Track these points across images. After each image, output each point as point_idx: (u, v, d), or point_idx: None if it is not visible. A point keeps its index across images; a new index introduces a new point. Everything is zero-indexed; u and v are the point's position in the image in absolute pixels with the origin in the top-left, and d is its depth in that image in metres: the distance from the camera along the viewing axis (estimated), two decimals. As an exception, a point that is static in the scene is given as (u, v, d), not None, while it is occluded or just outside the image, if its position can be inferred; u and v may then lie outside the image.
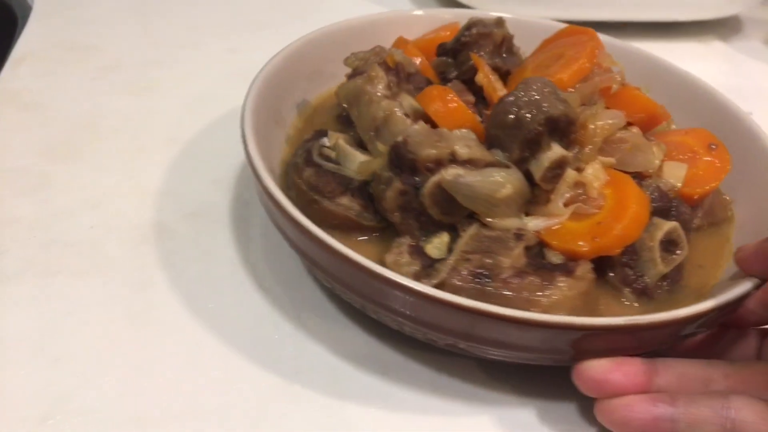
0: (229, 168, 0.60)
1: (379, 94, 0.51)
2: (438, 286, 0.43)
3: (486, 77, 0.54)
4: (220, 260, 0.52)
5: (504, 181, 0.45)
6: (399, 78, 0.54)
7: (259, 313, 0.48)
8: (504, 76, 0.57)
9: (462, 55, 0.57)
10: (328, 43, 0.60)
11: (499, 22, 0.58)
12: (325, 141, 0.51)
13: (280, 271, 0.52)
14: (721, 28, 0.94)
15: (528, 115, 0.44)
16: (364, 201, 0.48)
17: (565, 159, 0.46)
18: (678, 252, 0.47)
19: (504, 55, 0.58)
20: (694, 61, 0.87)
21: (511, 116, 0.45)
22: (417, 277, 0.44)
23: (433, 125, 0.49)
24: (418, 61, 0.59)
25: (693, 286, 0.48)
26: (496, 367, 0.47)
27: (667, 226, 0.46)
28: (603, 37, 0.61)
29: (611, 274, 0.47)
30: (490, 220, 0.46)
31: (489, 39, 0.56)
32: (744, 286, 0.42)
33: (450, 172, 0.45)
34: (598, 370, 0.41)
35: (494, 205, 0.46)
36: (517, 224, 0.46)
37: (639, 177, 0.49)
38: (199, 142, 0.63)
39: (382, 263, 0.46)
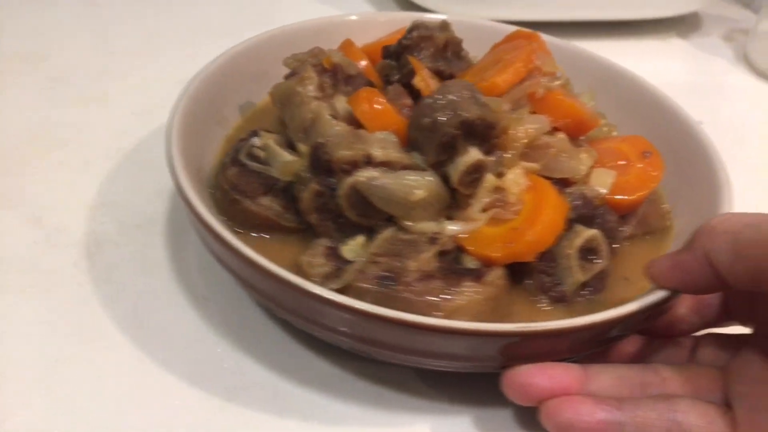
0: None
1: (309, 95, 0.51)
2: (344, 289, 0.43)
3: (423, 80, 0.53)
4: (160, 274, 0.51)
5: (417, 185, 0.45)
6: (336, 80, 0.55)
7: (196, 328, 0.48)
8: (448, 80, 0.57)
9: (403, 58, 0.56)
10: (276, 45, 0.61)
11: (443, 25, 0.58)
12: (256, 141, 0.52)
13: (216, 284, 0.51)
14: (681, 25, 0.95)
15: (443, 118, 0.44)
16: (286, 202, 0.48)
17: (482, 163, 0.45)
18: (597, 261, 0.46)
19: (450, 58, 0.58)
20: (654, 58, 0.88)
21: (428, 119, 0.45)
22: (326, 279, 0.44)
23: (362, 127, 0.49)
24: (363, 63, 0.59)
25: (616, 297, 0.47)
26: (435, 377, 0.46)
27: (587, 233, 0.46)
28: (551, 40, 0.60)
29: (528, 281, 0.46)
30: (407, 223, 0.46)
31: (430, 42, 0.56)
32: (652, 298, 0.41)
33: (364, 174, 0.45)
34: (522, 374, 0.40)
35: (410, 208, 0.45)
36: (433, 228, 0.46)
37: (565, 183, 0.48)
38: (146, 153, 0.62)
39: (297, 265, 0.46)
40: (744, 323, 0.44)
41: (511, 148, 0.47)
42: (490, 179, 0.46)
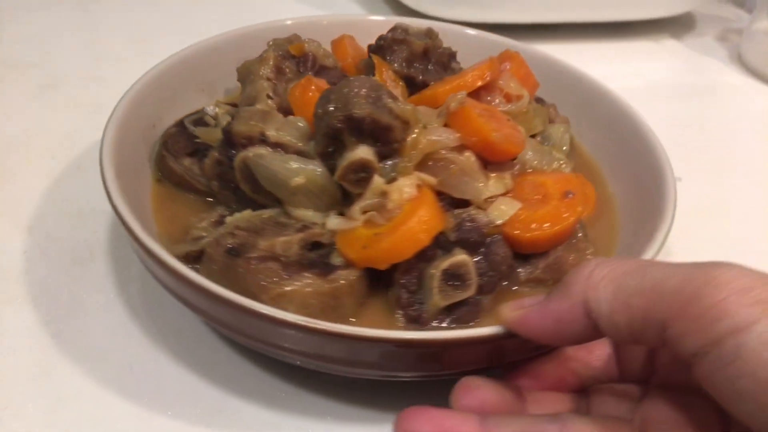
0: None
1: (261, 74, 0.53)
2: (197, 254, 0.44)
3: (380, 79, 0.53)
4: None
5: (298, 170, 0.45)
6: (304, 67, 0.56)
7: (141, 348, 0.46)
8: (420, 87, 0.56)
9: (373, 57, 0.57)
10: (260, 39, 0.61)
11: (428, 32, 0.57)
12: (209, 110, 0.55)
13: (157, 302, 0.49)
14: (674, 25, 0.94)
15: (331, 108, 0.44)
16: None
17: (368, 163, 0.44)
18: (461, 290, 0.43)
19: (430, 67, 0.57)
20: (648, 59, 0.87)
21: (319, 109, 0.45)
22: (194, 242, 0.46)
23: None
24: (349, 59, 0.60)
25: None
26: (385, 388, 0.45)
27: (455, 258, 0.43)
28: (539, 54, 0.61)
29: (389, 292, 0.45)
30: (288, 207, 0.46)
31: (404, 45, 0.56)
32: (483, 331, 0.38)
33: (253, 151, 0.46)
34: (410, 419, 0.35)
35: (291, 193, 0.46)
36: (312, 219, 0.46)
37: (465, 205, 0.46)
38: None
39: (187, 225, 0.48)
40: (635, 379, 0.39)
41: (408, 156, 0.45)
42: (377, 182, 0.45)
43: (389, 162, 0.46)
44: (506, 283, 0.47)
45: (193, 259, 0.45)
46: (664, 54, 0.90)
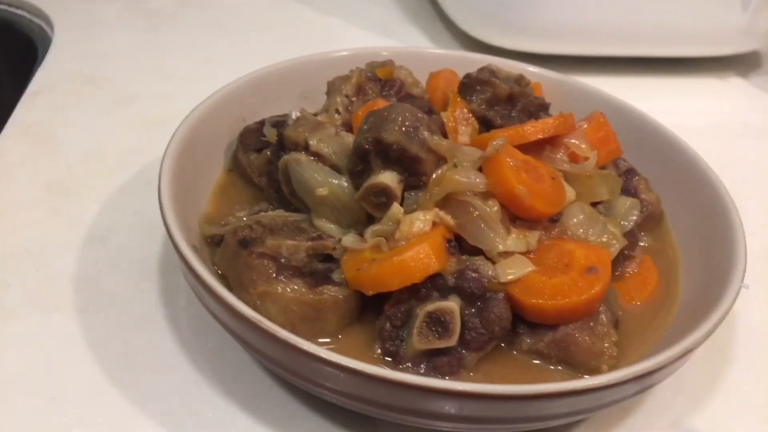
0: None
1: (341, 90, 0.56)
2: (221, 238, 0.47)
3: (450, 115, 0.53)
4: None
5: (323, 182, 0.46)
6: (389, 91, 0.58)
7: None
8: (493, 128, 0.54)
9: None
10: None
11: (519, 79, 0.56)
12: (293, 114, 0.58)
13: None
14: (740, 63, 0.91)
15: (365, 127, 0.45)
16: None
17: (386, 189, 0.44)
18: (441, 338, 0.41)
19: (513, 113, 0.55)
20: (712, 97, 0.85)
21: (360, 128, 0.46)
22: (223, 226, 0.49)
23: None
24: (439, 92, 0.59)
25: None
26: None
27: (443, 304, 0.41)
28: (613, 102, 0.60)
29: (377, 322, 0.44)
30: (314, 216, 0.48)
31: (488, 87, 0.54)
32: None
33: (295, 156, 0.48)
34: None
35: (317, 202, 0.47)
36: (331, 232, 0.47)
37: (476, 254, 0.44)
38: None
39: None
40: None
41: (430, 191, 0.44)
42: (395, 209, 0.44)
43: (414, 193, 0.45)
44: (505, 345, 0.44)
45: (217, 242, 0.48)
46: (729, 92, 0.87)
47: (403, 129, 0.44)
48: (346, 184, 0.46)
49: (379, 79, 0.57)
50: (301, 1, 0.96)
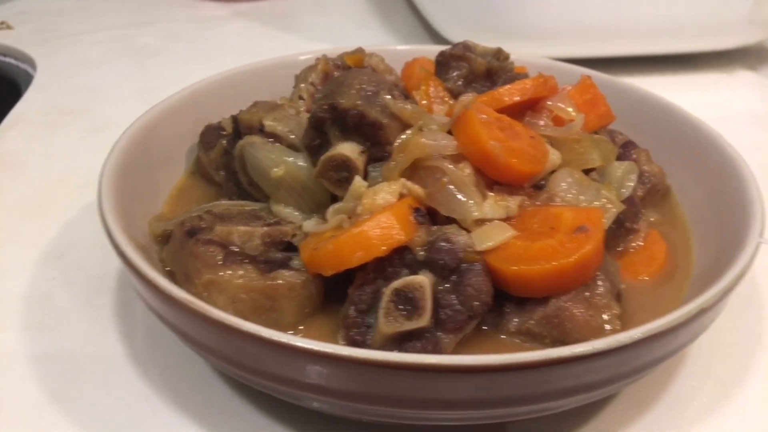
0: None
1: (306, 78, 0.52)
2: (169, 233, 0.43)
3: (424, 93, 0.49)
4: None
5: (278, 161, 0.42)
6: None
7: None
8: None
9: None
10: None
11: (497, 53, 0.51)
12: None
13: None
14: (746, 56, 0.89)
15: (320, 96, 0.41)
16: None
17: (347, 161, 0.40)
18: (410, 318, 0.35)
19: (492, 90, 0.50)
20: (720, 90, 0.83)
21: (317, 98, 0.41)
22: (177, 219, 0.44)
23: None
24: (414, 79, 0.55)
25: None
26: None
27: (410, 278, 0.36)
28: (604, 79, 0.55)
29: (342, 309, 0.38)
30: (272, 203, 0.43)
31: (463, 62, 0.50)
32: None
33: (248, 139, 0.44)
34: None
35: (274, 186, 0.43)
36: (290, 217, 0.42)
37: (449, 222, 0.38)
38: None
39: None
40: None
41: (395, 160, 0.39)
42: (357, 184, 0.39)
43: (379, 166, 0.40)
44: (490, 329, 0.38)
45: (166, 238, 0.44)
46: (736, 85, 0.84)
47: (362, 93, 0.40)
48: (304, 164, 0.42)
49: (349, 66, 0.54)
50: (291, 32, 0.95)
